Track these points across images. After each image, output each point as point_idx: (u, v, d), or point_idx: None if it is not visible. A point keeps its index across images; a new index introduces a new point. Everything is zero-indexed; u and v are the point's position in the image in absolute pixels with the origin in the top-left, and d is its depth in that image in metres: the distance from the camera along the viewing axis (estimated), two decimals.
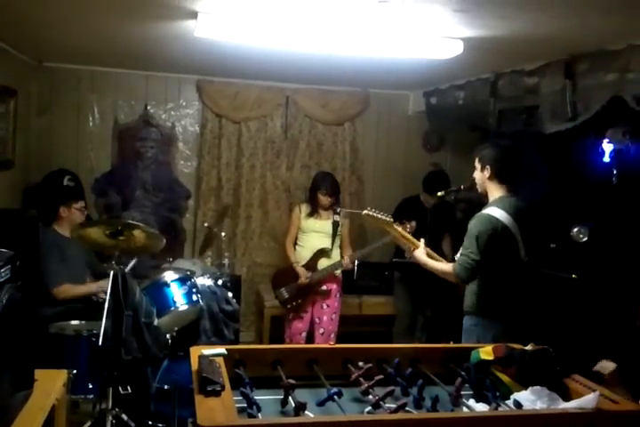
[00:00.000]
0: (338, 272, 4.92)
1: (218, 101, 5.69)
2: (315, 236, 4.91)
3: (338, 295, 4.99)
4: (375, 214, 3.39)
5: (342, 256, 4.89)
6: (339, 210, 4.91)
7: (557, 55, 3.74)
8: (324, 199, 4.83)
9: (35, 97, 5.31)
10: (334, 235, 4.90)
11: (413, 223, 4.13)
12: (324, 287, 4.88)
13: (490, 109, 4.53)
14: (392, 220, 3.40)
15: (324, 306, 4.93)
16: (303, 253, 4.92)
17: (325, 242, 4.89)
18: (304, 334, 4.98)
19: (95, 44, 4.34)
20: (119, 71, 5.49)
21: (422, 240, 3.40)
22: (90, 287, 4.02)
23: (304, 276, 4.80)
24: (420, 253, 3.34)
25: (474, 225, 3.11)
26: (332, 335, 4.96)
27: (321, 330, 4.94)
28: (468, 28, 3.19)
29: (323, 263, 4.85)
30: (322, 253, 4.87)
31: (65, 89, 5.41)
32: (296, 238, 5.00)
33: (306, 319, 4.96)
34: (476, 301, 3.18)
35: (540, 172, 5.05)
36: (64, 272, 3.96)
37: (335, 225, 4.90)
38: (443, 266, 3.26)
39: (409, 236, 3.42)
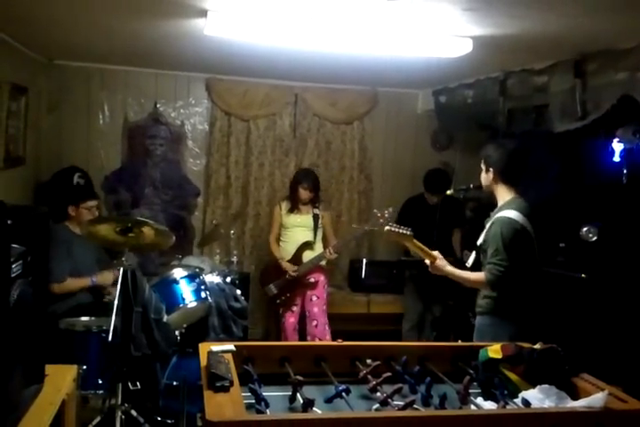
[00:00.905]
0: (323, 263, 5.03)
1: (227, 100, 5.70)
2: (297, 230, 5.04)
3: (325, 286, 5.11)
4: (397, 229, 3.32)
5: (325, 247, 4.99)
6: (317, 204, 5.08)
7: (567, 54, 3.73)
8: (305, 193, 4.96)
9: (45, 95, 5.33)
10: (316, 228, 5.03)
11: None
12: (312, 280, 4.98)
13: (499, 108, 4.52)
14: (412, 233, 3.36)
15: (314, 298, 5.02)
16: (287, 248, 5.05)
17: (308, 235, 5.02)
18: (297, 328, 5.08)
19: (105, 43, 4.36)
20: (129, 69, 5.51)
21: (437, 252, 3.35)
22: (86, 281, 4.04)
23: (291, 270, 4.92)
24: (443, 263, 3.28)
25: (498, 231, 3.06)
26: (326, 327, 5.02)
27: (314, 322, 5.01)
28: (477, 26, 3.19)
29: (307, 256, 4.97)
30: (306, 246, 5.00)
31: (75, 87, 5.43)
32: (279, 235, 5.12)
33: (296, 312, 5.06)
34: (492, 301, 3.14)
35: (549, 171, 5.04)
36: (67, 268, 3.97)
37: (316, 218, 5.03)
38: (471, 275, 3.20)
39: (426, 248, 3.36)
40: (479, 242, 3.23)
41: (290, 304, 5.03)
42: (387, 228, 3.30)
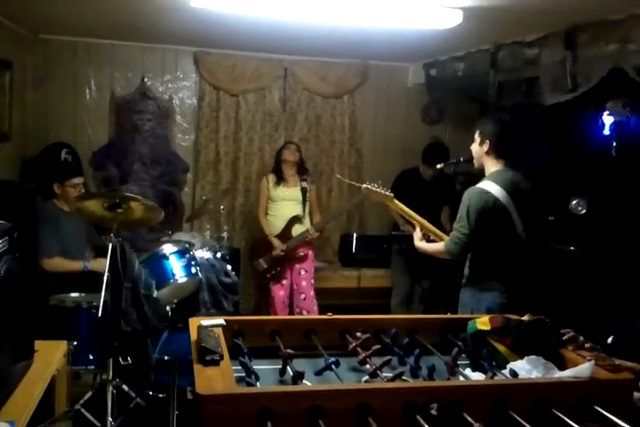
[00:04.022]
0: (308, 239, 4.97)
1: (215, 74, 5.64)
2: (285, 204, 5.02)
3: (313, 260, 5.15)
4: (375, 189, 3.33)
5: (312, 222, 5.00)
6: (305, 177, 5.06)
7: (558, 26, 3.70)
8: (290, 154, 4.95)
9: (31, 69, 5.26)
10: (304, 201, 5.01)
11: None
12: (301, 253, 4.99)
13: (490, 81, 4.50)
14: (392, 194, 3.36)
15: (302, 272, 5.04)
16: (276, 222, 5.03)
17: (297, 209, 5.00)
18: (287, 302, 5.09)
19: (91, 16, 4.28)
20: (116, 43, 5.43)
21: (418, 229, 3.38)
22: (79, 265, 4.02)
23: (279, 248, 4.92)
24: (416, 239, 3.34)
25: (466, 199, 3.08)
26: (314, 300, 5.05)
27: (302, 295, 5.04)
28: None
29: (297, 230, 4.95)
30: (295, 220, 4.98)
31: (61, 61, 5.35)
32: (267, 209, 5.09)
33: (286, 286, 5.07)
34: (469, 274, 3.19)
35: (539, 144, 5.04)
36: (56, 245, 3.95)
37: (304, 191, 5.00)
38: (435, 246, 3.25)
39: (409, 210, 3.37)
40: None
41: (279, 278, 5.04)
42: (364, 186, 3.30)
